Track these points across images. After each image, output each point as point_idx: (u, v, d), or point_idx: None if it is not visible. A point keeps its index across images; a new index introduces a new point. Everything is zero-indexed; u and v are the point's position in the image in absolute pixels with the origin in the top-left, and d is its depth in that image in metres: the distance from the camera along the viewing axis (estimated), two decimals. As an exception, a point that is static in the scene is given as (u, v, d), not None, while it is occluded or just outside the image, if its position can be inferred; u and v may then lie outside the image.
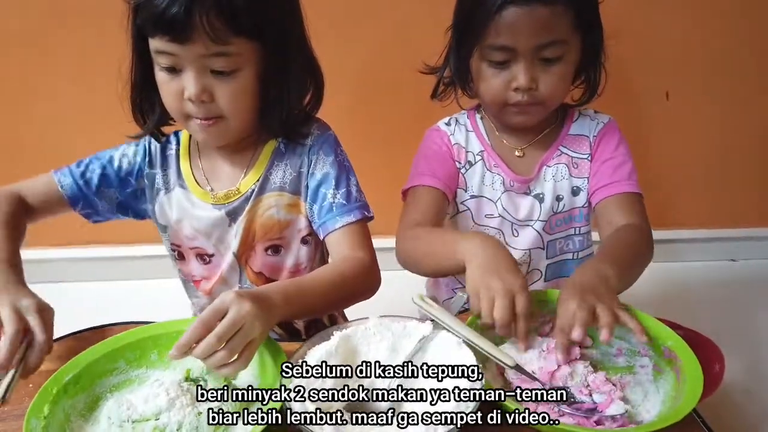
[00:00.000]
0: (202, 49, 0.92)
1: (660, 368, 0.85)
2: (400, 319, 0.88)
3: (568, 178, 1.21)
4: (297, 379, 0.77)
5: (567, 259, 1.27)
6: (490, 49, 1.07)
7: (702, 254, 2.32)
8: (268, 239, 1.13)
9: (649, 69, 1.94)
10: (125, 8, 0.97)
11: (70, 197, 1.10)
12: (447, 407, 0.73)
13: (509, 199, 1.22)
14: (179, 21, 0.88)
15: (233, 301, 0.77)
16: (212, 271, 1.17)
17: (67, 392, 0.79)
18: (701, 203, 2.26)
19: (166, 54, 0.94)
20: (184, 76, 0.95)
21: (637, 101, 2.00)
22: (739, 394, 1.61)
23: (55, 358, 0.88)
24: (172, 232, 1.15)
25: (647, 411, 0.81)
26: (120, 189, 1.12)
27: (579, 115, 1.23)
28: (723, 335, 0.94)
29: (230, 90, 0.97)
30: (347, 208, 1.06)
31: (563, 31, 1.05)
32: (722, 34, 1.96)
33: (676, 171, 2.17)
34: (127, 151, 1.13)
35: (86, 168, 1.11)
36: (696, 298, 2.10)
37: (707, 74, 2.02)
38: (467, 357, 0.80)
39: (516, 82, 1.07)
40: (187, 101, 0.97)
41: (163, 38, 0.92)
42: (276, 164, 1.10)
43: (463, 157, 1.24)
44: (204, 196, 1.11)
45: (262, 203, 1.11)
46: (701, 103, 2.06)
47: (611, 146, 1.19)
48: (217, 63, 0.94)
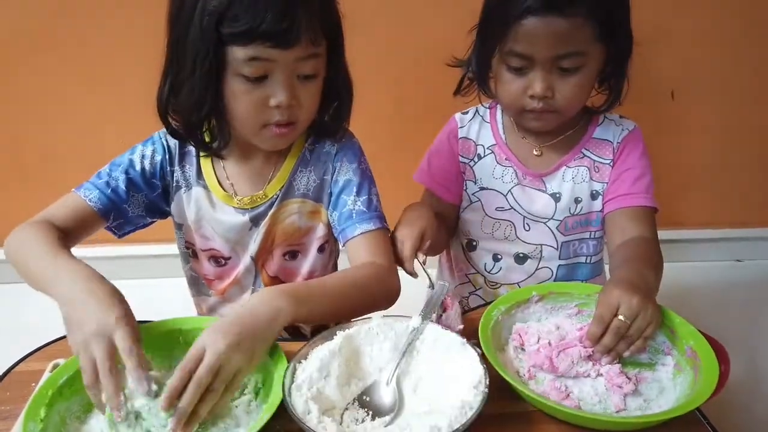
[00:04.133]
0: (300, 52, 0.91)
1: (681, 367, 0.86)
2: (403, 319, 0.87)
3: (588, 182, 1.20)
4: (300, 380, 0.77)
5: (580, 262, 1.27)
6: (510, 54, 1.07)
7: (707, 254, 2.31)
8: (288, 245, 1.13)
9: (654, 68, 1.93)
10: (144, 13, 0.93)
11: (101, 210, 1.03)
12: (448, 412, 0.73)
13: (522, 192, 1.22)
14: (289, 27, 0.87)
15: (208, 343, 0.75)
16: (226, 272, 1.16)
17: (62, 395, 0.78)
18: (707, 203, 2.25)
19: (260, 61, 0.90)
20: (270, 83, 0.93)
21: (642, 100, 1.99)
22: (744, 394, 1.61)
23: (56, 358, 0.88)
24: (186, 231, 1.14)
25: (659, 407, 0.81)
26: (148, 192, 1.08)
27: (604, 119, 1.23)
28: (728, 336, 0.94)
29: (310, 93, 0.97)
30: (367, 216, 1.06)
31: (582, 42, 1.04)
32: (729, 33, 1.96)
33: (682, 170, 2.16)
34: (144, 151, 1.08)
35: (109, 177, 1.05)
36: (701, 298, 2.09)
37: (713, 74, 2.01)
38: (471, 357, 0.80)
39: (532, 90, 1.07)
40: (272, 109, 0.95)
41: (264, 44, 0.88)
42: (300, 170, 1.10)
43: (472, 150, 1.25)
44: (227, 199, 1.09)
45: (285, 209, 1.10)
46: (707, 103, 2.05)
47: (634, 156, 1.19)
48: (307, 66, 0.94)
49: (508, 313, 0.95)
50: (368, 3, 1.79)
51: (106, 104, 1.94)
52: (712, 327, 0.91)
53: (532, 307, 0.97)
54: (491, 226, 1.25)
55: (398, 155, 1.58)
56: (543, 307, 0.97)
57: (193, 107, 0.96)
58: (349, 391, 0.81)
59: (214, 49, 0.90)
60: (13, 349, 0.94)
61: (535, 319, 0.97)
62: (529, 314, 0.97)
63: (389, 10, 1.86)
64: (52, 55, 1.90)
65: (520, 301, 0.96)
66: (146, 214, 1.10)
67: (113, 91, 1.89)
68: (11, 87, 1.95)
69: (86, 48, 1.89)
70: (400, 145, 1.75)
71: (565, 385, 0.86)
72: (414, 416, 0.77)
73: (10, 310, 1.86)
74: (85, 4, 1.84)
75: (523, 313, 0.97)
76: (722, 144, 2.13)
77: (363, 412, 0.78)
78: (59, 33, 1.87)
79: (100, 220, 1.04)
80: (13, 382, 0.86)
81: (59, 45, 1.89)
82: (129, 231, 1.10)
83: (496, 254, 1.27)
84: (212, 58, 0.91)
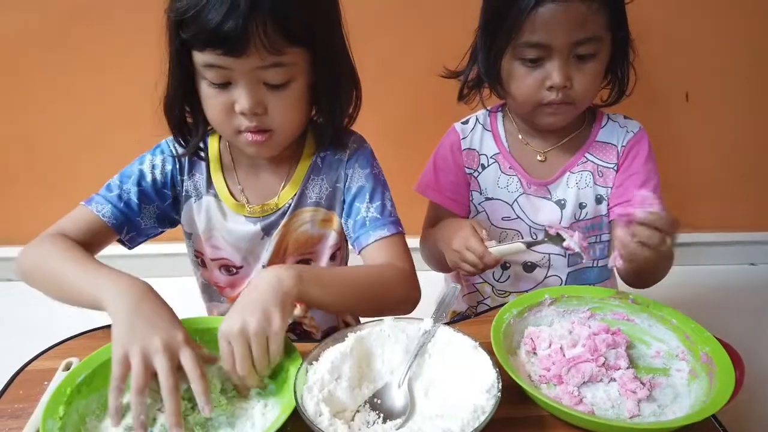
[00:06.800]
0: (257, 62, 0.88)
1: (696, 373, 0.85)
2: (414, 321, 0.87)
3: (592, 186, 1.19)
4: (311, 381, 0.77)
5: (587, 267, 1.26)
6: (524, 46, 1.06)
7: (721, 258, 2.30)
8: (300, 253, 1.12)
9: (669, 69, 1.92)
10: (154, 13, 0.92)
11: (114, 224, 1.02)
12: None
13: (527, 201, 1.21)
14: (235, 34, 0.84)
15: (229, 334, 0.77)
16: (238, 281, 1.16)
17: (80, 392, 0.78)
18: (721, 206, 2.23)
19: (217, 68, 0.90)
20: (235, 89, 0.92)
21: (657, 102, 1.98)
22: (759, 399, 1.59)
23: (68, 356, 0.89)
24: (196, 240, 1.13)
25: (674, 413, 0.80)
26: (159, 202, 1.07)
27: (608, 120, 1.21)
28: (743, 340, 0.93)
29: (283, 102, 0.94)
30: (381, 222, 1.05)
31: (598, 27, 1.04)
32: (743, 34, 1.94)
33: (696, 172, 2.14)
34: (154, 161, 1.07)
35: (120, 190, 1.04)
36: (715, 302, 2.08)
37: (727, 75, 2.00)
38: (484, 360, 0.79)
39: (550, 80, 1.06)
40: (239, 115, 0.94)
41: (215, 52, 0.87)
42: (312, 179, 1.09)
43: (476, 161, 1.23)
44: (238, 208, 1.09)
45: (298, 218, 1.09)
46: (722, 104, 2.04)
47: (640, 160, 1.18)
48: (271, 74, 0.91)
49: (521, 316, 0.94)
50: (377, 6, 1.79)
51: (118, 105, 1.95)
52: (726, 330, 0.90)
53: (544, 311, 0.96)
54: (498, 236, 1.24)
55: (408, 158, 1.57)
56: (555, 311, 0.96)
57: (171, 106, 0.99)
58: (361, 394, 0.81)
59: (180, 51, 0.92)
60: (25, 347, 0.94)
61: (547, 322, 0.96)
62: (541, 317, 0.96)
63: (398, 13, 1.86)
64: (65, 56, 1.92)
65: (533, 304, 0.95)
66: (157, 225, 1.10)
67: (126, 91, 1.89)
68: (24, 87, 1.97)
69: (99, 49, 1.91)
70: (410, 148, 1.75)
71: (578, 390, 0.85)
72: (425, 419, 0.76)
73: (22, 308, 1.88)
74: (98, 5, 1.85)
75: (536, 316, 0.96)
76: (736, 146, 2.11)
77: (374, 414, 0.78)
78: (72, 34, 1.89)
79: (113, 235, 1.04)
80: (26, 381, 0.86)
81: (72, 45, 1.91)
82: (140, 242, 1.09)
83: (504, 263, 1.26)
84: (179, 61, 0.93)
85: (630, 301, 0.95)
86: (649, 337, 0.93)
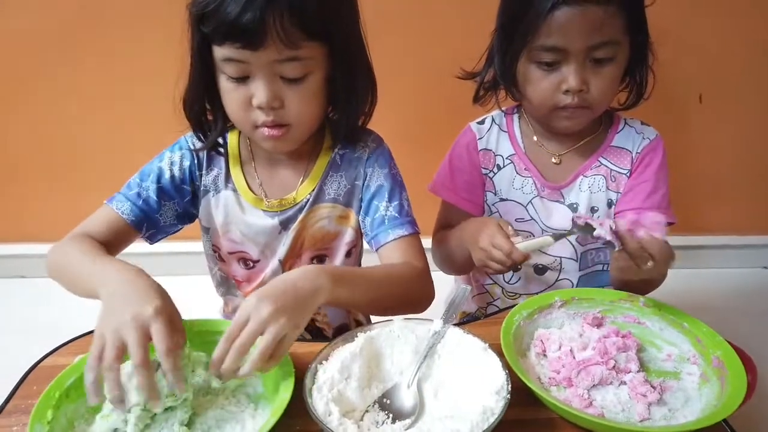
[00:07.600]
0: (274, 55, 0.90)
1: (707, 377, 0.84)
2: (424, 321, 0.87)
3: (605, 191, 1.19)
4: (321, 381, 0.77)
5: (597, 270, 1.25)
6: (540, 50, 1.05)
7: (733, 261, 2.28)
8: (316, 249, 1.13)
9: (682, 71, 1.91)
10: (169, 12, 0.93)
11: (134, 222, 1.04)
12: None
13: (541, 204, 1.21)
14: (252, 27, 0.86)
15: (251, 311, 0.75)
16: (254, 275, 1.17)
17: (69, 396, 0.77)
18: (733, 208, 2.21)
19: (235, 62, 0.91)
20: (252, 83, 0.93)
21: (670, 104, 1.97)
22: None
23: (80, 353, 0.88)
24: (213, 234, 1.14)
25: (684, 417, 0.80)
26: (178, 199, 1.09)
27: (624, 125, 1.21)
28: (755, 344, 0.92)
29: (299, 95, 0.95)
30: (399, 221, 1.06)
31: (615, 31, 1.03)
32: (757, 36, 1.92)
33: (709, 175, 2.13)
34: (173, 158, 1.08)
35: (140, 188, 1.06)
36: (727, 306, 2.06)
37: (741, 78, 1.98)
38: (493, 361, 0.79)
39: (566, 84, 1.06)
40: (256, 110, 0.95)
41: (233, 45, 0.89)
42: (331, 175, 1.10)
43: (491, 162, 1.23)
44: (257, 202, 1.10)
45: (315, 214, 1.10)
46: (735, 106, 2.02)
47: (652, 168, 1.17)
48: (288, 68, 0.92)
49: (531, 318, 0.94)
50: (392, 7, 1.79)
51: (134, 105, 1.97)
52: (738, 334, 0.90)
53: (554, 313, 0.96)
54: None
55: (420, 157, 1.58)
56: (566, 313, 0.96)
57: (192, 101, 1.01)
58: (370, 394, 0.81)
59: (200, 46, 0.94)
60: (39, 344, 0.95)
61: (557, 324, 0.96)
62: (551, 320, 0.96)
63: (413, 13, 1.86)
64: (81, 57, 1.93)
65: (543, 306, 0.95)
66: (177, 221, 1.11)
67: (143, 91, 1.91)
68: (41, 89, 1.99)
69: (115, 49, 1.92)
70: (422, 147, 1.75)
71: (588, 392, 0.85)
72: (435, 420, 0.76)
73: (37, 306, 1.90)
74: (113, 7, 1.86)
75: (546, 318, 0.96)
76: (750, 148, 2.10)
77: (383, 414, 0.78)
78: (87, 35, 1.90)
79: (134, 232, 1.05)
80: (40, 377, 0.87)
81: (88, 47, 1.92)
82: (159, 239, 1.11)
83: None
84: (200, 55, 0.95)
85: (641, 304, 0.95)
86: (660, 340, 0.93)
